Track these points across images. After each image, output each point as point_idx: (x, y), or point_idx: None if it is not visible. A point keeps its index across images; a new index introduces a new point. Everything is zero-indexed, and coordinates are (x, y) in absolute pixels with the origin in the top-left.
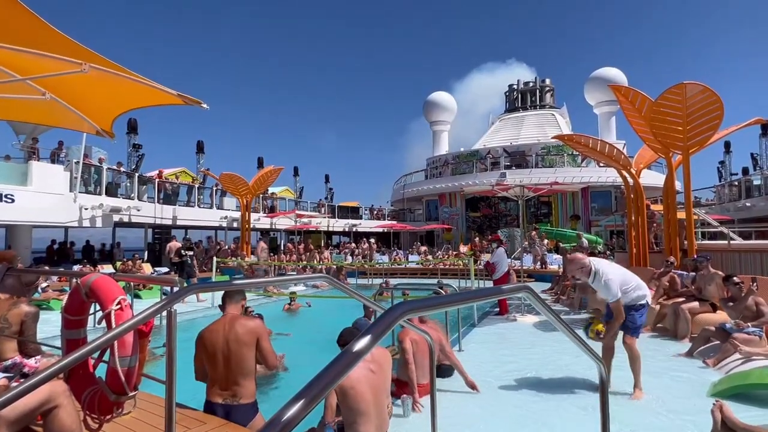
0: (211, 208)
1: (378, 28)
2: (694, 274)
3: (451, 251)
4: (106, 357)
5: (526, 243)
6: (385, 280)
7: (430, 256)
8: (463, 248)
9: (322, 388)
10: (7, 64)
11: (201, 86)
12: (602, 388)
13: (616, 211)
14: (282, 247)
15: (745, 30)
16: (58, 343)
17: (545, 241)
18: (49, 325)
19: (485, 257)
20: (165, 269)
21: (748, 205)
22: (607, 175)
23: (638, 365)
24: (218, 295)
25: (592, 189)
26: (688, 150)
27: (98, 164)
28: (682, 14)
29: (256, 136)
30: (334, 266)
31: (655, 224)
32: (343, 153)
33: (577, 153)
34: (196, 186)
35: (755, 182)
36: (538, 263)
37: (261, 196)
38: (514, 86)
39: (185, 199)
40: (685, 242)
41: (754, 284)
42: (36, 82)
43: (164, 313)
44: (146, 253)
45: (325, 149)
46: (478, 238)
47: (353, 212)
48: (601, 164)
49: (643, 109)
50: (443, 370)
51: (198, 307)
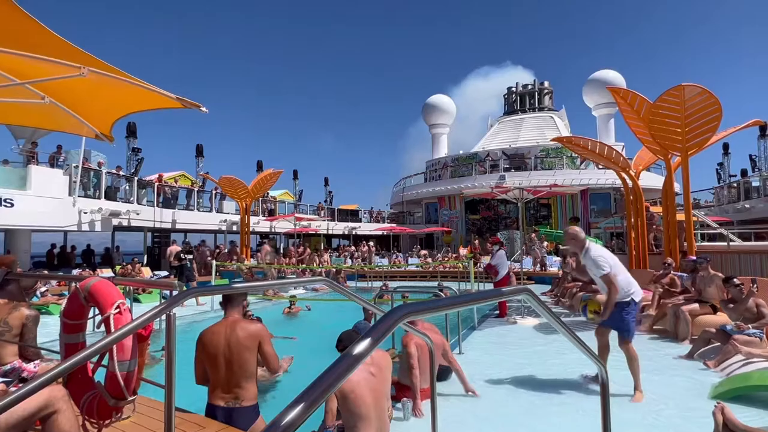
0: (211, 211)
1: (377, 33)
2: (693, 275)
3: (450, 254)
4: (105, 361)
5: (524, 247)
6: (384, 283)
7: (430, 259)
8: (463, 251)
9: (323, 392)
10: (6, 68)
11: (200, 90)
12: (603, 391)
13: (616, 213)
14: (282, 251)
15: (744, 32)
16: (57, 348)
17: (545, 244)
18: (48, 330)
19: (485, 260)
20: (164, 273)
21: (747, 206)
22: (606, 177)
23: (636, 366)
24: (218, 299)
25: (591, 191)
26: (686, 152)
27: (97, 168)
28: (680, 17)
29: (255, 139)
30: (334, 269)
31: (654, 226)
32: (342, 156)
33: (576, 155)
34: (196, 189)
35: (754, 184)
36: (538, 265)
37: (260, 199)
38: (513, 89)
39: (185, 203)
40: (685, 244)
41: (755, 286)
42: (35, 86)
43: (163, 317)
44: (145, 256)
45: (325, 152)
46: (477, 241)
47: (353, 215)
48: (600, 166)
49: (642, 111)
50: (441, 372)
51: (197, 311)
